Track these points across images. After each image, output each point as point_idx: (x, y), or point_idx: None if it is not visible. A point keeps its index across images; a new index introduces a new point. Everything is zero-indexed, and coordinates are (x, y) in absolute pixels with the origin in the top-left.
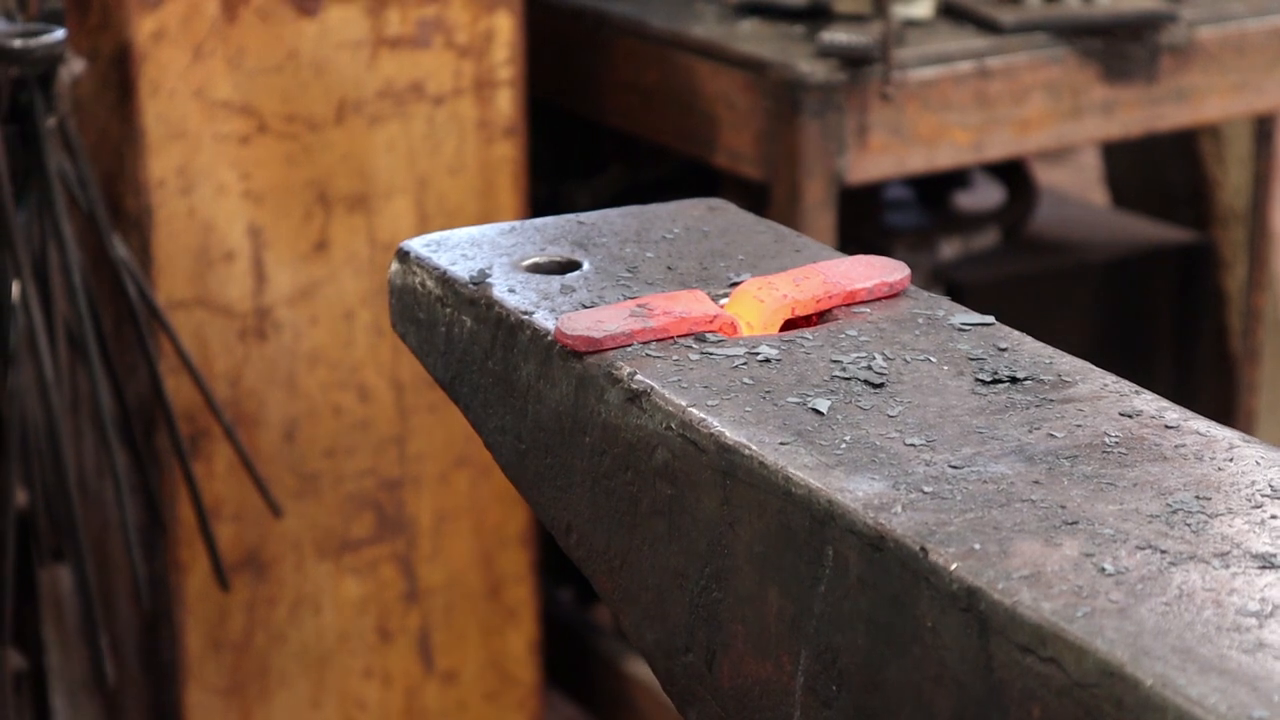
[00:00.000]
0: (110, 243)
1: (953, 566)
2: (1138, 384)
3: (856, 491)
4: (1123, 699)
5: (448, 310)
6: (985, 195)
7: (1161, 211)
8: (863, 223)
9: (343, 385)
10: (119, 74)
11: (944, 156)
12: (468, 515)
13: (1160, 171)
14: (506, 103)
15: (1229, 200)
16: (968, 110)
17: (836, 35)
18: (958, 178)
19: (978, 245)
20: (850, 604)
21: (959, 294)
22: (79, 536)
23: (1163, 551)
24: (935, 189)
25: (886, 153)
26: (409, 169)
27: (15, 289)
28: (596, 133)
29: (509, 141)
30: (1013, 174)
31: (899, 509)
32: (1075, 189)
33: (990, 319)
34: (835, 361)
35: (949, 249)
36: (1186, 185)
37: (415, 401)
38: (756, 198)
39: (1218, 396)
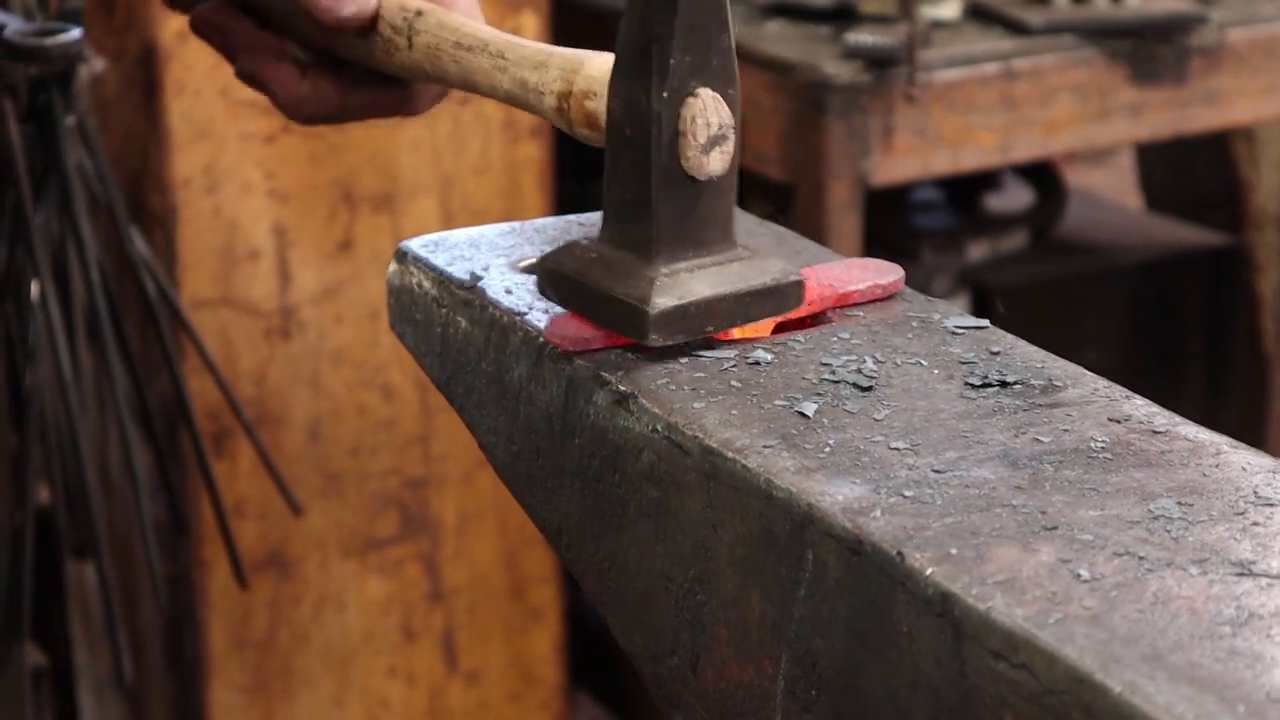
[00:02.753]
0: (129, 240)
1: (928, 571)
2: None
3: (837, 495)
4: (1092, 706)
5: (443, 311)
6: (1015, 197)
7: (1195, 214)
8: (890, 224)
9: (367, 385)
10: (144, 73)
11: (969, 158)
12: (492, 515)
13: (1193, 174)
14: None
15: (1262, 203)
16: (993, 112)
17: (862, 36)
18: (987, 179)
19: (1006, 247)
20: (829, 608)
21: (987, 297)
22: (97, 534)
23: (1140, 558)
24: (965, 191)
25: (911, 154)
26: (434, 168)
27: (35, 288)
28: None
29: (534, 142)
30: (1042, 176)
31: (878, 513)
32: (1113, 191)
33: (985, 322)
34: (825, 364)
35: (977, 251)
36: (1220, 188)
37: (439, 401)
38: (782, 199)
39: (1250, 400)
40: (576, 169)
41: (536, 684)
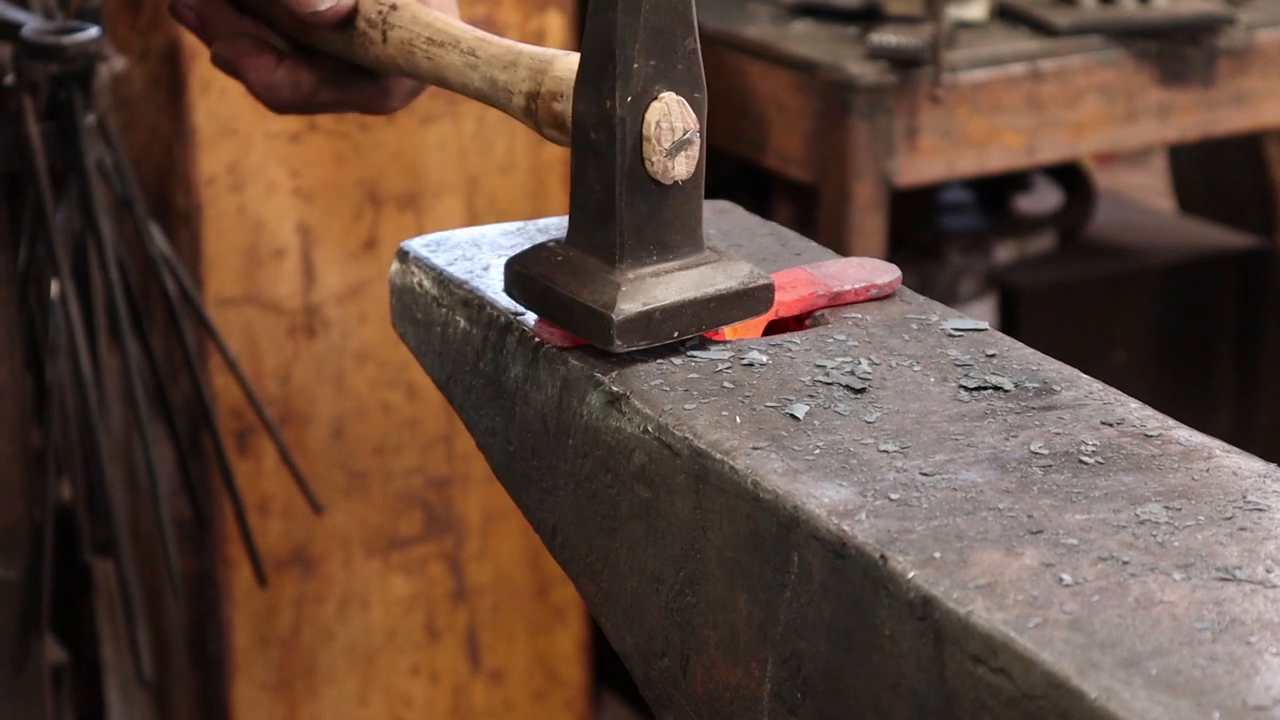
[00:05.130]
0: (148, 238)
1: (910, 575)
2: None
3: (823, 498)
4: (1068, 711)
5: (443, 311)
6: (1046, 198)
7: (1227, 216)
8: (918, 225)
9: (391, 383)
10: (169, 72)
11: (995, 159)
12: (516, 514)
13: (1225, 176)
14: None
15: None
16: (1020, 113)
17: (886, 37)
18: (1018, 180)
19: (1034, 249)
20: (814, 611)
21: (1015, 299)
22: (116, 531)
23: (1124, 563)
24: (994, 192)
25: (936, 155)
26: (459, 168)
27: (55, 287)
28: None
29: None
30: (1071, 177)
31: (863, 516)
32: (1152, 193)
33: (983, 324)
34: (819, 366)
35: (1004, 252)
36: (1252, 190)
37: None
38: (807, 200)
39: None
40: None
41: (560, 684)
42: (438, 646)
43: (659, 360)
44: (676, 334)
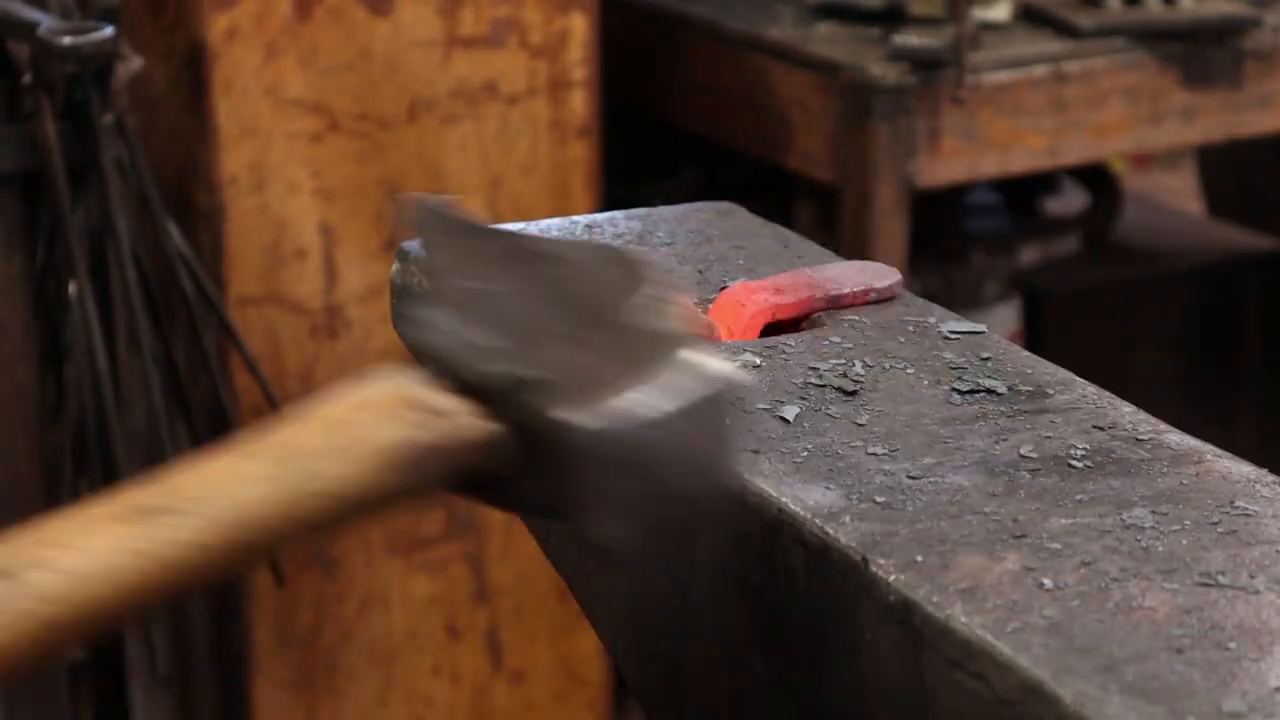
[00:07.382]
0: (166, 235)
1: (891, 578)
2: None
3: (808, 500)
4: (1043, 717)
5: None
6: (1073, 200)
7: (1256, 219)
8: (942, 227)
9: None
10: (192, 72)
11: (1018, 161)
12: None
13: (1254, 179)
14: (580, 103)
15: None
16: (1043, 115)
17: (909, 38)
18: (1045, 182)
19: (1058, 251)
20: (799, 613)
21: (1039, 302)
22: None
23: (1107, 567)
24: (1022, 194)
25: (958, 157)
26: (481, 168)
27: (73, 287)
28: (675, 134)
29: (582, 142)
30: (1097, 179)
31: (848, 519)
32: (1186, 196)
33: (981, 327)
34: (813, 368)
35: (1029, 254)
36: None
37: None
38: (829, 201)
39: None
40: (625, 170)
41: (582, 684)
42: (459, 646)
43: None
44: None
